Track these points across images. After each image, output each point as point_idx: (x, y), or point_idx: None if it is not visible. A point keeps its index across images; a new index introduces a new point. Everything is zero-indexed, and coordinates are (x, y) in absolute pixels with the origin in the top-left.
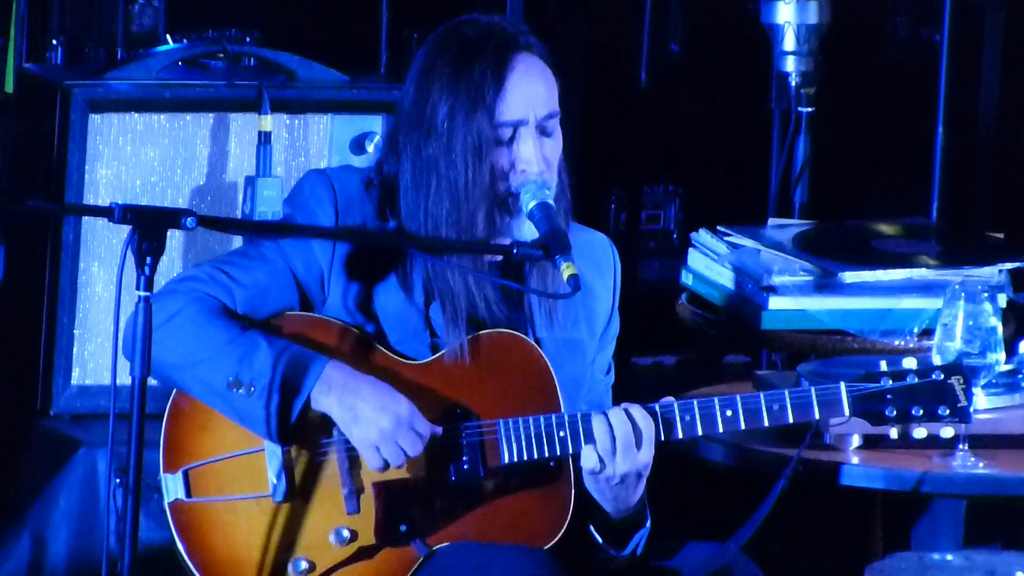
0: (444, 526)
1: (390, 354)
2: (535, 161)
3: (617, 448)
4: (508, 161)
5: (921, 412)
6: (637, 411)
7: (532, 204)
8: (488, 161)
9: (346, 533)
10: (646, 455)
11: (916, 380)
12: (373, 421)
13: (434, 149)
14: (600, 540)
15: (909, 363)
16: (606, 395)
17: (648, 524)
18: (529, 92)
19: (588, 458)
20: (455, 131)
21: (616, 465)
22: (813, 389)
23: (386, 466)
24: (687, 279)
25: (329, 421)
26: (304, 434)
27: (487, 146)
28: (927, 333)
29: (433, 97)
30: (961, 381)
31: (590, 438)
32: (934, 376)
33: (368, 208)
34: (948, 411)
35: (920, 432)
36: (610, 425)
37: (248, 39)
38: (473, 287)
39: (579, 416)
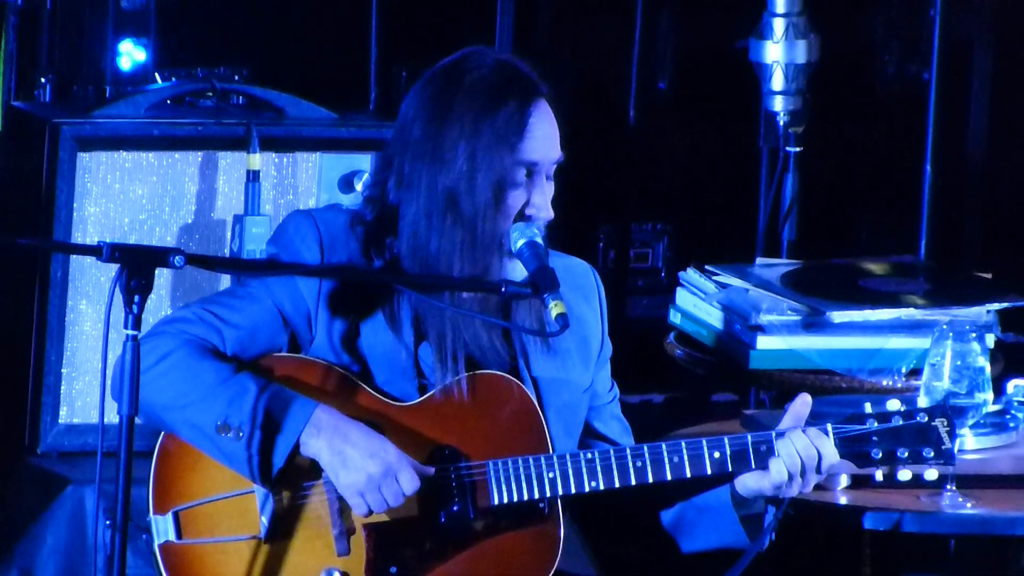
0: (434, 567)
1: (378, 396)
2: (545, 206)
3: (807, 468)
4: (520, 203)
5: (906, 454)
6: (815, 434)
7: (521, 242)
8: (504, 201)
9: (336, 574)
10: (812, 483)
11: (901, 422)
12: (361, 468)
13: (452, 185)
14: (745, 535)
15: (893, 405)
16: (617, 409)
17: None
18: (547, 136)
19: (779, 472)
20: (476, 170)
21: (791, 488)
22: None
23: (370, 513)
24: (675, 317)
25: (318, 463)
26: (293, 475)
27: (507, 187)
28: (915, 372)
29: (451, 133)
30: (945, 423)
31: (579, 480)
32: (919, 418)
33: (353, 247)
34: (933, 453)
35: (905, 474)
36: (797, 450)
37: (237, 77)
38: (463, 326)
39: (568, 457)
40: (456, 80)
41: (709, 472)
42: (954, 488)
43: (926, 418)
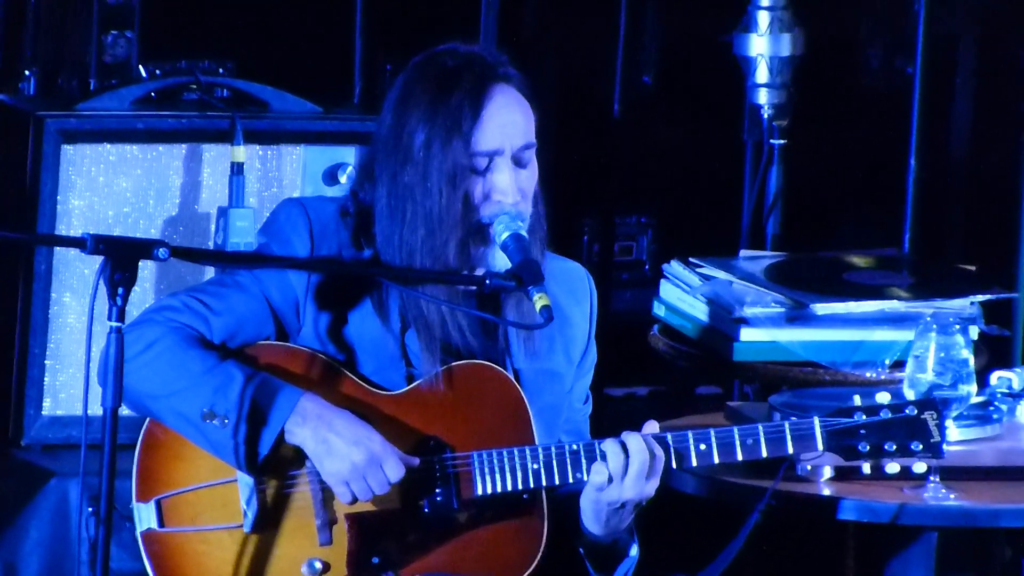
0: (416, 558)
1: (364, 385)
2: (510, 191)
3: (629, 473)
4: (483, 191)
5: (894, 447)
6: (651, 442)
7: (505, 235)
8: (463, 190)
9: (318, 565)
10: (653, 486)
11: (889, 415)
12: (346, 455)
13: (410, 177)
14: (591, 568)
15: (882, 398)
16: (584, 425)
17: (635, 554)
18: (506, 122)
19: (599, 473)
20: (431, 159)
21: (623, 490)
22: (787, 424)
23: (355, 500)
24: (659, 310)
25: (303, 452)
26: (277, 465)
27: (462, 175)
28: (899, 365)
29: (410, 125)
30: (934, 416)
31: (563, 471)
32: (907, 411)
33: (343, 236)
34: (921, 446)
35: (893, 467)
36: (626, 450)
37: (221, 70)
38: (448, 317)
39: (552, 448)
40: (422, 72)
41: (694, 464)
42: (938, 480)
43: (915, 411)
